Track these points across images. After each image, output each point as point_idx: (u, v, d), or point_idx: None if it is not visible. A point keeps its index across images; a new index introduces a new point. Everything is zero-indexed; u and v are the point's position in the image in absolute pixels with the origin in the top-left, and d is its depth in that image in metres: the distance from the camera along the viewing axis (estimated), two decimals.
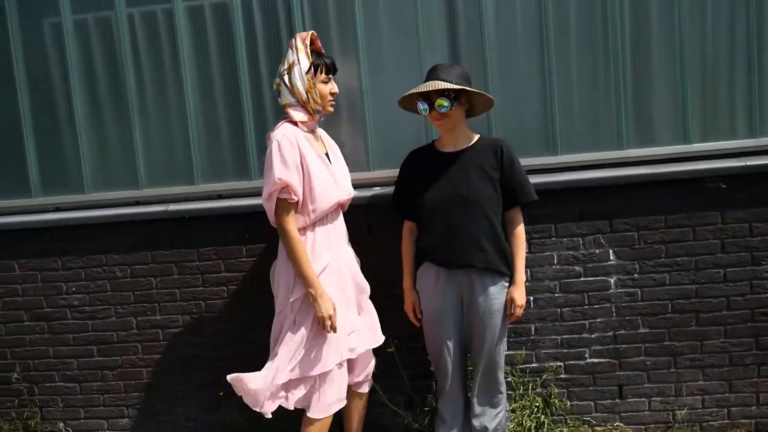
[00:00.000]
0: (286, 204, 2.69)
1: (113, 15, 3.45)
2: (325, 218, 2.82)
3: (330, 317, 2.67)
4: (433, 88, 2.76)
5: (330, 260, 2.80)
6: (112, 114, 3.51)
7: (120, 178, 3.54)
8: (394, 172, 3.11)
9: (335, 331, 2.71)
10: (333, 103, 2.85)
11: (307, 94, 2.74)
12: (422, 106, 2.81)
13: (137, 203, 3.54)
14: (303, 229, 2.77)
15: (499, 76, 3.33)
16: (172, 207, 3.42)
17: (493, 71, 3.32)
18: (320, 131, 2.98)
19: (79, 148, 3.53)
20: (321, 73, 2.77)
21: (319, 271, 2.74)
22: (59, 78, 3.51)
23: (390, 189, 3.17)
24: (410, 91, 2.82)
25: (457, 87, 2.75)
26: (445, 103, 2.76)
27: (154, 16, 3.44)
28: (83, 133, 3.52)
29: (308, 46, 2.77)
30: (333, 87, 2.83)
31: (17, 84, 3.51)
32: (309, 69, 2.74)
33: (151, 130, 3.50)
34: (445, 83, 2.75)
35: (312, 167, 2.73)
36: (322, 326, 2.69)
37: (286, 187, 2.66)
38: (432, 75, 2.82)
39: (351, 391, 2.97)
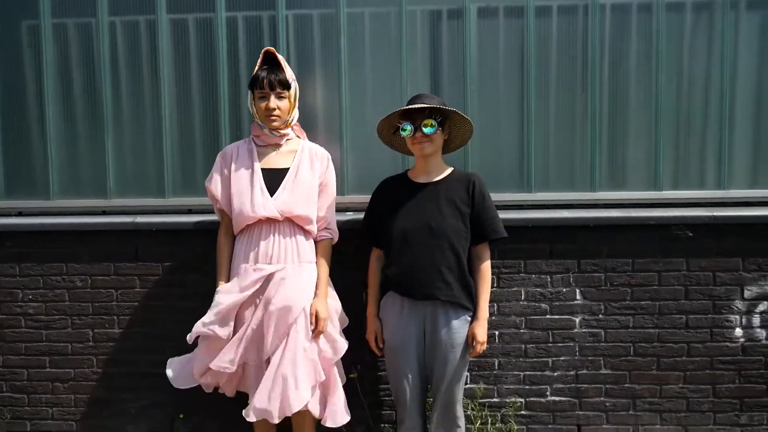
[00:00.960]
0: (217, 210, 3.02)
1: (94, 22, 3.40)
2: (250, 230, 2.89)
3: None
4: (427, 105, 2.78)
5: (241, 274, 2.87)
6: (85, 121, 3.45)
7: (88, 187, 3.47)
8: (368, 198, 3.10)
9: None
10: (274, 118, 2.87)
11: (252, 109, 2.93)
12: (408, 126, 2.82)
13: (104, 213, 3.46)
14: (237, 237, 2.97)
15: (478, 109, 3.36)
16: (140, 219, 3.36)
17: (473, 104, 3.36)
18: (306, 146, 2.98)
19: (48, 153, 3.45)
20: (256, 88, 2.86)
21: (230, 278, 2.93)
22: (32, 80, 3.44)
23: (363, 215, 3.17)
24: (400, 109, 2.84)
25: (448, 109, 2.78)
26: (434, 124, 2.78)
27: (137, 26, 3.40)
28: (53, 138, 3.45)
29: (260, 62, 2.89)
30: (269, 102, 2.85)
31: None
32: (249, 86, 2.90)
33: (124, 140, 3.44)
34: (445, 106, 2.78)
35: (234, 180, 2.90)
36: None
37: (213, 196, 2.97)
38: (416, 100, 2.84)
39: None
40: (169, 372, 3.00)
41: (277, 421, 2.76)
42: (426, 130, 2.79)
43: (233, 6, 3.37)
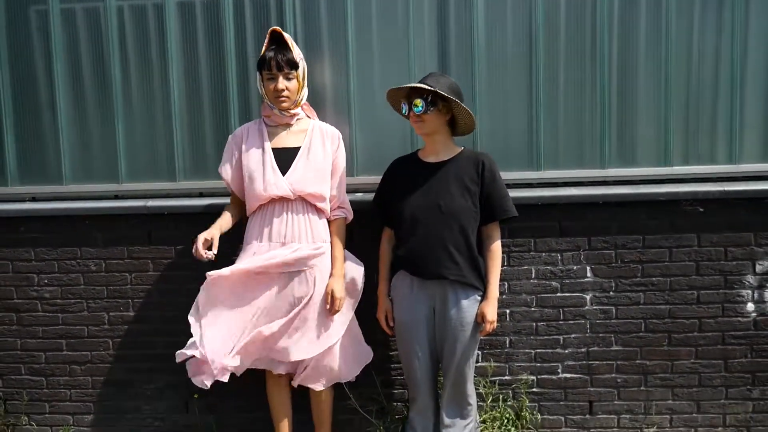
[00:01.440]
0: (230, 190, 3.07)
1: (102, 6, 3.41)
2: (264, 209, 2.92)
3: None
4: (409, 85, 2.83)
5: (254, 252, 2.90)
6: (96, 106, 3.47)
7: (100, 171, 3.49)
8: (378, 179, 3.11)
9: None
10: (283, 99, 2.88)
11: (261, 90, 2.95)
12: (404, 106, 2.87)
13: (116, 197, 3.49)
14: (249, 217, 2.99)
15: (487, 88, 3.35)
16: (152, 203, 3.38)
17: (482, 83, 3.35)
18: (317, 126, 3.01)
19: (60, 139, 3.48)
20: (264, 69, 2.88)
21: (240, 256, 2.97)
22: (43, 66, 3.46)
23: (372, 195, 3.18)
24: (393, 87, 2.88)
25: (429, 88, 2.77)
26: (420, 104, 2.78)
27: (144, 9, 3.41)
28: (64, 124, 3.47)
29: (267, 42, 2.90)
30: (278, 83, 2.86)
31: None
32: (257, 67, 2.92)
33: (135, 124, 3.46)
34: (426, 86, 2.77)
35: (245, 160, 2.93)
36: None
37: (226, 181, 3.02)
38: (423, 80, 2.84)
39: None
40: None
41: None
42: (415, 109, 2.80)
43: None
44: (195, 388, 2.99)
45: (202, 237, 2.81)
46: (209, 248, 2.83)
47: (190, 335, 2.98)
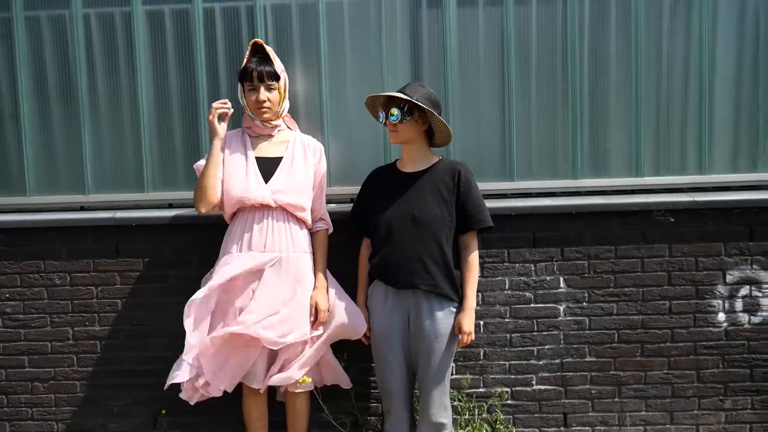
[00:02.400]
0: None
1: (68, 14, 3.34)
2: (244, 216, 2.90)
3: None
4: (386, 94, 2.84)
5: (233, 259, 2.86)
6: (61, 115, 3.39)
7: (65, 182, 3.41)
8: (351, 189, 3.09)
9: None
10: (264, 110, 2.89)
11: (242, 101, 2.94)
12: (381, 114, 2.87)
13: (82, 209, 3.41)
14: (230, 224, 2.97)
15: (460, 98, 3.35)
16: (119, 214, 3.31)
17: (455, 93, 3.35)
18: (299, 137, 3.01)
19: (23, 149, 3.39)
20: (246, 80, 2.89)
21: (215, 268, 2.93)
22: (6, 75, 3.38)
23: (346, 206, 3.16)
24: (370, 95, 2.90)
25: (405, 97, 2.76)
26: (395, 112, 2.78)
27: (112, 17, 3.35)
28: (28, 133, 3.39)
29: (248, 54, 2.92)
30: (259, 95, 2.86)
31: None
32: (239, 78, 2.93)
33: (102, 134, 3.39)
34: (403, 96, 2.77)
35: (228, 164, 2.91)
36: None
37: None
38: (402, 88, 2.84)
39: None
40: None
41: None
42: (391, 118, 2.81)
43: None
44: (163, 404, 2.91)
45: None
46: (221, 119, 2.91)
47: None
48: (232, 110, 2.92)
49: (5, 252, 3.35)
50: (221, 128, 2.90)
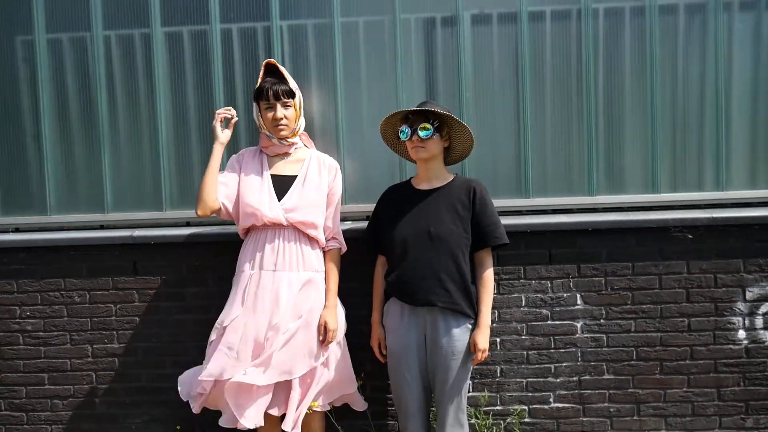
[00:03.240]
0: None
1: (89, 36, 3.41)
2: (257, 234, 2.93)
3: None
4: (422, 108, 2.84)
5: (246, 276, 2.89)
6: (81, 135, 3.45)
7: (85, 201, 3.46)
8: (366, 207, 3.10)
9: None
10: (282, 127, 2.91)
11: (258, 120, 2.97)
12: (405, 129, 2.86)
13: (101, 227, 3.45)
14: (244, 242, 3.00)
15: (475, 116, 3.36)
16: (138, 233, 3.34)
17: (469, 111, 3.36)
18: (315, 155, 3.03)
19: (45, 169, 3.44)
20: (261, 99, 2.91)
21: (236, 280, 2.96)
22: (28, 96, 3.44)
23: (361, 224, 3.17)
24: (398, 111, 2.90)
25: (444, 112, 2.80)
26: (429, 128, 2.79)
27: (131, 39, 3.41)
28: (50, 154, 3.44)
29: (262, 74, 2.95)
30: (276, 112, 2.89)
31: None
32: (254, 98, 2.96)
33: (121, 154, 3.44)
34: (438, 110, 2.80)
35: (243, 183, 2.94)
36: None
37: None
38: (422, 106, 2.86)
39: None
40: (181, 389, 2.95)
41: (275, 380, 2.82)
42: (422, 133, 2.80)
43: (228, 18, 3.37)
44: (181, 421, 2.92)
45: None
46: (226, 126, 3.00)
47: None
48: (236, 117, 2.99)
49: (27, 270, 3.40)
50: (224, 134, 2.96)
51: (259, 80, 2.95)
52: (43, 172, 3.45)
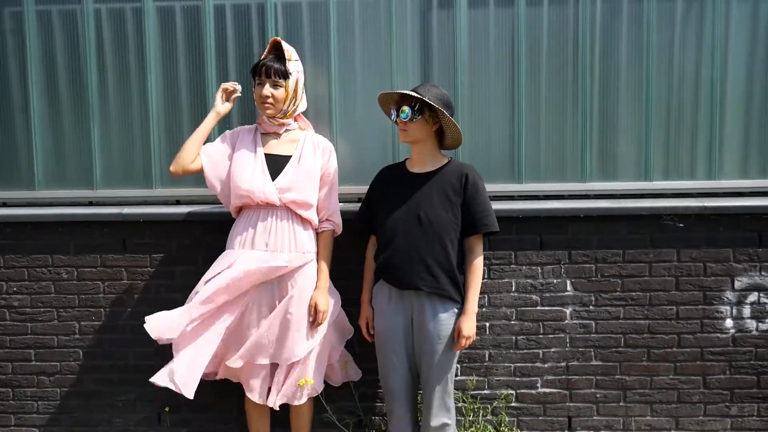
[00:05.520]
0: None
1: (79, 9, 3.35)
2: (249, 213, 2.91)
3: None
4: (398, 92, 2.84)
5: (236, 254, 2.87)
6: (71, 110, 3.40)
7: (74, 177, 3.42)
8: (359, 189, 3.08)
9: None
10: (267, 106, 2.89)
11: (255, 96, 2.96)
12: (393, 112, 2.86)
13: (90, 204, 3.42)
14: (235, 221, 2.98)
15: (469, 99, 3.34)
16: (127, 210, 3.31)
17: (464, 94, 3.34)
18: (309, 136, 3.00)
19: (33, 143, 3.40)
20: (255, 75, 2.90)
21: (218, 260, 2.93)
22: (16, 69, 3.39)
23: (352, 205, 3.15)
24: (383, 92, 2.89)
25: (416, 95, 2.76)
26: (406, 110, 2.77)
27: (123, 13, 3.35)
28: (38, 128, 3.40)
29: (266, 52, 2.95)
30: (263, 90, 2.87)
31: None
32: (251, 72, 2.94)
33: (111, 130, 3.40)
34: (414, 94, 2.77)
35: (236, 160, 2.93)
36: None
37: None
38: (414, 88, 2.84)
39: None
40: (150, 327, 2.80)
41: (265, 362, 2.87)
42: (402, 115, 2.80)
43: None
44: (167, 400, 2.91)
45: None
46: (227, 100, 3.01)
47: (164, 346, 2.91)
48: (239, 93, 2.99)
49: (13, 246, 3.37)
50: (223, 105, 2.97)
51: (263, 56, 2.93)
52: (31, 147, 3.40)
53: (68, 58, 3.38)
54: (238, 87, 2.98)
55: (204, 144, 2.97)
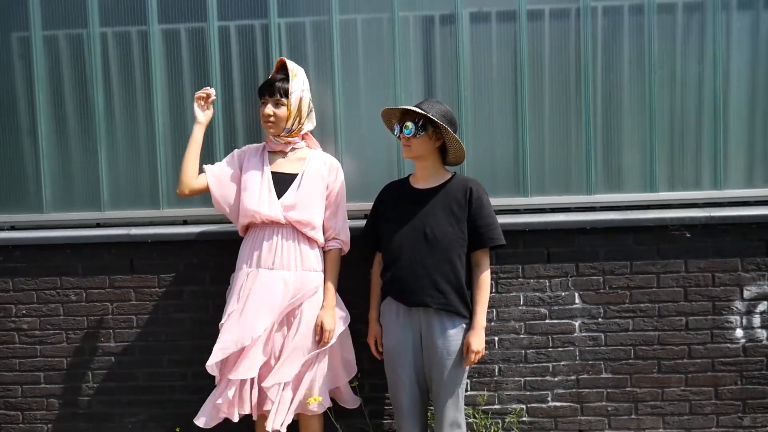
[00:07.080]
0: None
1: (85, 33, 3.39)
2: (255, 231, 2.92)
3: None
4: (401, 107, 2.85)
5: (244, 274, 2.89)
6: (78, 133, 3.43)
7: (81, 199, 3.44)
8: (364, 205, 3.09)
9: None
10: (269, 125, 2.91)
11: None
12: (396, 127, 2.87)
13: (98, 225, 3.43)
14: (243, 240, 3.00)
15: (473, 114, 3.36)
16: (134, 231, 3.33)
17: (468, 110, 3.35)
18: (316, 155, 3.01)
19: (41, 166, 3.42)
20: (260, 94, 2.93)
21: (231, 287, 2.98)
22: (24, 93, 3.42)
23: (358, 222, 3.16)
24: (386, 108, 2.90)
25: (420, 111, 2.76)
26: (410, 126, 2.78)
27: (128, 36, 3.39)
28: (46, 151, 3.42)
29: (273, 72, 2.98)
30: (265, 109, 2.90)
31: None
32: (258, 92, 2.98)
33: (118, 151, 3.42)
34: (417, 109, 2.77)
35: (244, 180, 2.95)
36: None
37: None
38: (418, 104, 2.85)
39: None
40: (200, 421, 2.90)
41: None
42: (405, 131, 2.80)
43: (225, 15, 3.36)
44: (177, 421, 2.91)
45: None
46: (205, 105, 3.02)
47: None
48: (214, 96, 3.00)
49: (22, 268, 3.38)
50: (203, 115, 2.98)
51: (270, 76, 2.96)
52: (39, 170, 3.43)
53: (75, 81, 3.42)
54: (211, 91, 2.99)
55: (213, 165, 3.00)
